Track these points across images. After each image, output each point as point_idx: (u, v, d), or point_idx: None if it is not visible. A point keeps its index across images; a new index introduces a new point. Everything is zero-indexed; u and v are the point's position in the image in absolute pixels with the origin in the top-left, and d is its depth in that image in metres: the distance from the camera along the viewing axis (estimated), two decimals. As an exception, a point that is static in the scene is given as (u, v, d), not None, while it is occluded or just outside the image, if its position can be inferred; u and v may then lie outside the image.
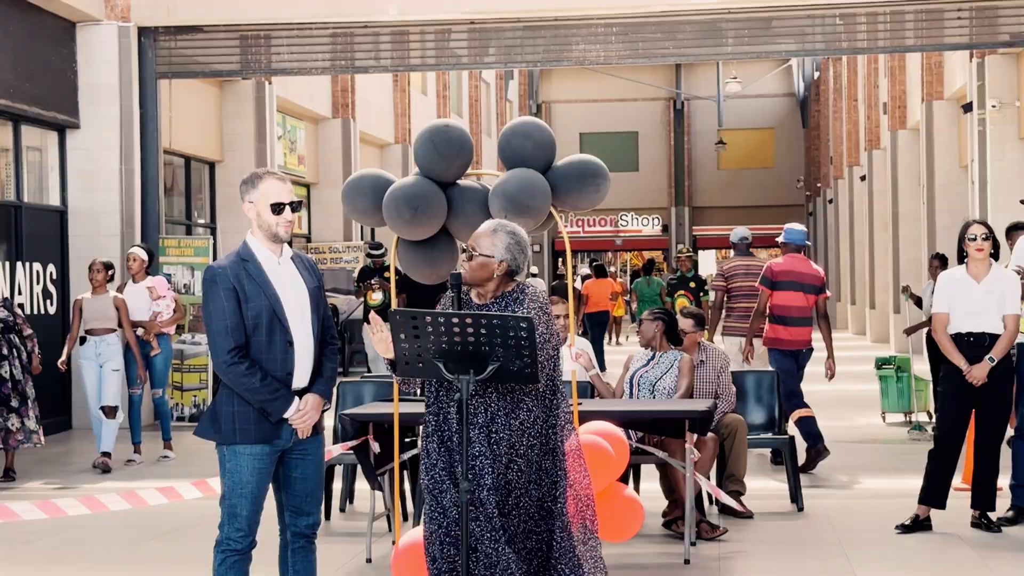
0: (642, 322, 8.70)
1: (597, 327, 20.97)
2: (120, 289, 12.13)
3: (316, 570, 5.34)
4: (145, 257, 12.06)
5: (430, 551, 5.22)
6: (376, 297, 15.10)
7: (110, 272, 11.66)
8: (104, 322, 11.41)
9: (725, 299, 11.93)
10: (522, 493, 5.23)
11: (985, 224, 8.20)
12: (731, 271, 11.95)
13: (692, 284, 19.17)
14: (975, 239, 8.03)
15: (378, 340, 5.17)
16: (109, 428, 11.34)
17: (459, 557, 5.07)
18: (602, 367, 16.32)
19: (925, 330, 13.84)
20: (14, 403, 10.67)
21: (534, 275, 33.79)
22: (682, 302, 17.34)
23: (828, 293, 11.10)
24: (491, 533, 5.13)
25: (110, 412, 11.34)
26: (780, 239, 11.01)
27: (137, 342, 11.58)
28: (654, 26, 15.50)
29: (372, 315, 5.21)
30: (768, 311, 10.72)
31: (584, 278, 23.77)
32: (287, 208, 5.16)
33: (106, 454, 11.30)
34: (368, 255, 16.30)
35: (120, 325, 11.50)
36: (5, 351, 10.71)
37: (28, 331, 11.10)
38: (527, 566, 5.29)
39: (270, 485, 5.20)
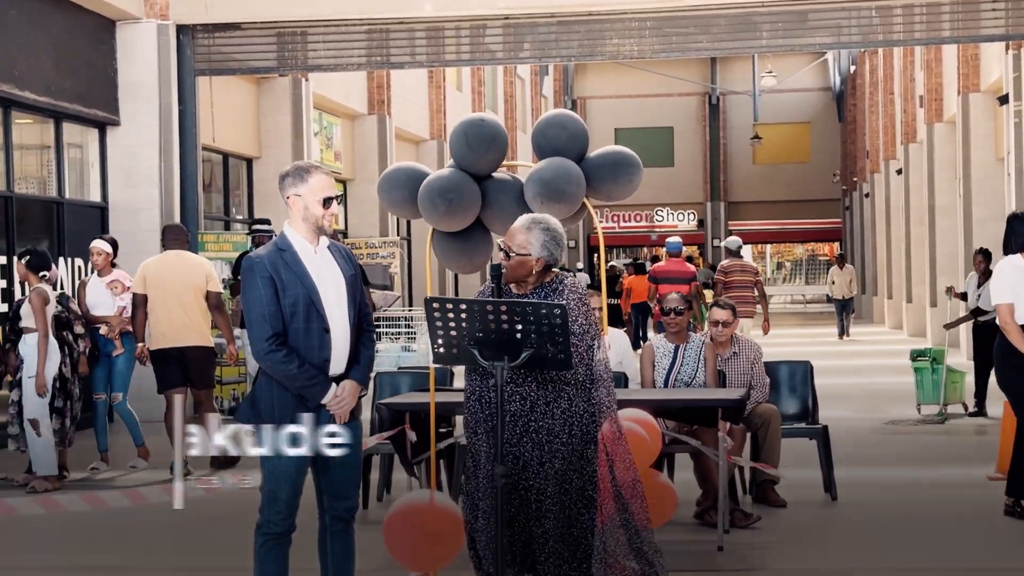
0: (670, 312, 8.75)
1: (639, 314, 23.82)
2: (83, 285, 11.22)
3: (354, 553, 5.45)
4: (109, 250, 11.03)
5: (471, 530, 5.38)
6: None
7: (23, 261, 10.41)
8: (27, 320, 10.20)
9: (723, 290, 15.62)
10: (566, 480, 5.36)
11: None
12: (729, 268, 15.90)
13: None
14: None
15: None
16: (35, 445, 10.02)
17: (495, 536, 5.19)
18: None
19: (971, 322, 13.89)
20: (58, 403, 10.23)
21: (580, 270, 34.24)
22: None
23: (697, 282, 16.53)
24: (527, 512, 5.25)
25: (33, 426, 10.03)
26: (663, 249, 15.77)
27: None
28: (688, 20, 15.53)
29: None
30: (657, 298, 15.50)
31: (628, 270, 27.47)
32: (333, 201, 5.31)
33: (47, 476, 10.00)
34: (253, 232, 13.88)
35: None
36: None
37: (80, 329, 10.60)
38: (571, 554, 5.40)
39: (309, 469, 5.32)
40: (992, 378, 13.60)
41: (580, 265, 37.53)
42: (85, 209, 14.77)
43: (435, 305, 5.20)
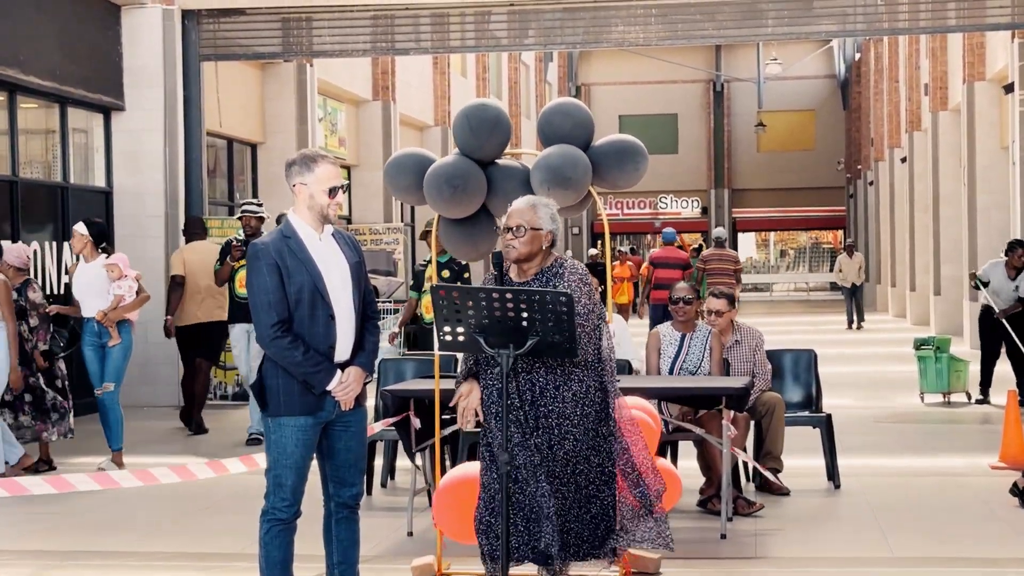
0: (679, 302, 8.76)
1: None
2: (70, 270, 10.77)
3: (359, 539, 5.47)
4: (85, 232, 10.12)
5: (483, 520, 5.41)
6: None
7: None
8: None
9: (704, 278, 17.63)
10: (580, 460, 5.38)
11: None
12: (708, 257, 18.44)
13: (446, 273, 11.12)
14: None
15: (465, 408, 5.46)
16: None
17: (507, 523, 5.21)
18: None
19: (979, 307, 13.89)
20: (7, 396, 9.65)
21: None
22: (428, 303, 11.25)
23: (691, 268, 18.65)
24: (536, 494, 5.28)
25: None
26: (660, 238, 19.28)
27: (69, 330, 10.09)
28: (693, 7, 15.51)
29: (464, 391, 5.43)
30: (653, 281, 18.24)
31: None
32: (339, 191, 5.32)
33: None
34: (242, 213, 12.04)
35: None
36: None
37: (35, 321, 9.92)
38: (591, 533, 5.43)
39: (314, 456, 5.33)
40: (998, 367, 13.66)
41: (569, 253, 37.54)
42: (90, 194, 14.78)
43: (441, 293, 5.21)
